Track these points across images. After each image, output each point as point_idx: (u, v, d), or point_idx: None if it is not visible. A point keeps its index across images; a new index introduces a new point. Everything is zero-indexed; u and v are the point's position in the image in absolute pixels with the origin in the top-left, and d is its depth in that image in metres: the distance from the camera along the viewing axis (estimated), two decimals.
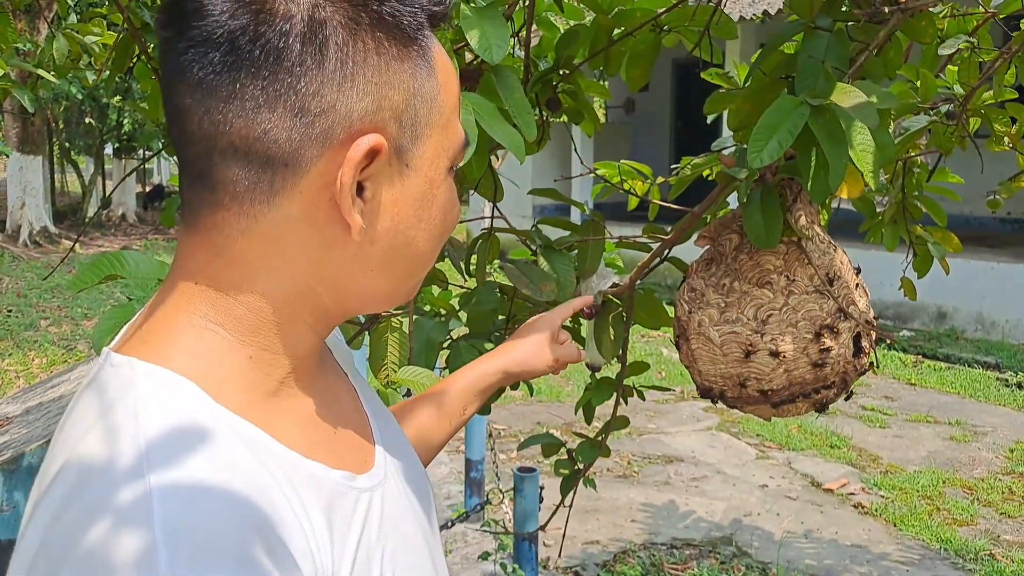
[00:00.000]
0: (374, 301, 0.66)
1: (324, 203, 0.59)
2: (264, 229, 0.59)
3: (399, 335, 1.11)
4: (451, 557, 3.75)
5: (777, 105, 1.02)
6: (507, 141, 1.01)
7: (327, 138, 0.57)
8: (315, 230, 0.59)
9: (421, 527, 0.71)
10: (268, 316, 0.61)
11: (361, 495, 0.63)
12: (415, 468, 0.77)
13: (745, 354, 1.24)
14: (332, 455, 0.63)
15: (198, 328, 0.59)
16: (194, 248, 0.61)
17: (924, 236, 2.26)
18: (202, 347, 0.59)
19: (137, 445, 0.52)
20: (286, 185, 0.58)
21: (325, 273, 0.61)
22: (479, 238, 1.62)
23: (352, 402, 0.74)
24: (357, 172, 0.58)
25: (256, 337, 0.60)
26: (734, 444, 5.26)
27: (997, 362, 6.95)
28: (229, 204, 0.58)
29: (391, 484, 0.69)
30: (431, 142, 0.62)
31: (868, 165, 1.00)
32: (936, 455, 5.07)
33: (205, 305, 0.60)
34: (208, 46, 0.55)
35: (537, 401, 6.05)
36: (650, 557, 3.78)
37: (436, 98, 0.62)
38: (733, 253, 1.31)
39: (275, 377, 0.62)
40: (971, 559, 3.77)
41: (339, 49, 0.56)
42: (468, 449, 4.18)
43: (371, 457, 0.69)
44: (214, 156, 0.57)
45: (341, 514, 0.60)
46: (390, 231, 0.62)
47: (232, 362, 0.59)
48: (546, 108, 1.65)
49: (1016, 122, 2.13)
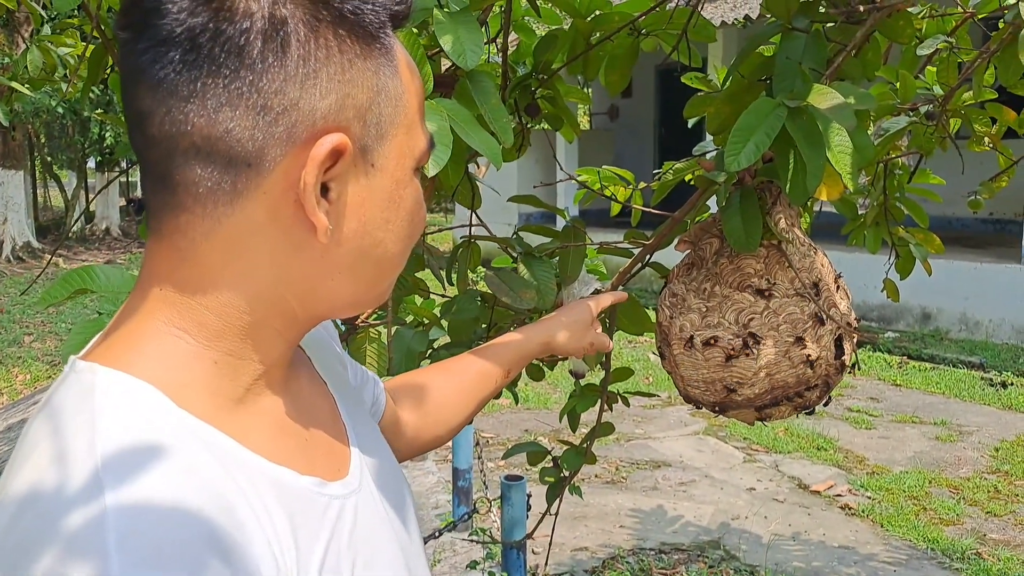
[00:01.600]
0: (343, 306, 0.65)
1: (289, 204, 0.58)
2: (228, 232, 0.58)
3: (378, 345, 1.10)
4: (439, 567, 3.73)
5: (754, 107, 1.01)
6: (483, 148, 1.00)
7: (290, 137, 0.56)
8: (280, 232, 0.58)
9: (398, 537, 0.70)
10: (234, 321, 0.60)
11: (332, 502, 0.62)
12: (394, 476, 0.75)
13: (726, 358, 1.23)
14: (302, 462, 0.62)
15: (162, 334, 0.58)
16: (158, 253, 0.60)
17: (906, 237, 2.27)
18: (166, 353, 0.58)
19: (94, 457, 0.51)
20: (249, 186, 0.57)
21: (292, 277, 0.60)
22: (460, 246, 1.61)
23: (328, 408, 0.72)
24: (321, 172, 0.57)
25: (222, 342, 0.59)
26: (721, 448, 5.26)
27: (981, 362, 6.99)
28: (191, 207, 0.57)
29: (366, 492, 0.68)
30: (396, 142, 0.62)
31: (846, 167, 1.00)
32: (922, 455, 5.08)
33: (170, 310, 0.59)
34: (168, 45, 0.54)
35: (525, 409, 6.03)
36: (639, 562, 3.77)
37: (400, 97, 0.62)
38: (714, 257, 1.31)
39: (242, 383, 0.61)
40: (958, 558, 3.77)
41: (301, 46, 0.55)
42: (455, 458, 4.16)
43: (346, 464, 0.68)
44: (175, 158, 0.56)
45: (308, 521, 0.59)
46: (357, 232, 0.61)
47: (197, 368, 0.58)
48: (525, 114, 1.64)
49: (996, 122, 2.14)
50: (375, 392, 0.90)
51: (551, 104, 1.67)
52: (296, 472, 0.60)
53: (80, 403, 0.54)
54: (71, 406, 0.55)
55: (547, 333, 1.13)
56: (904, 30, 1.28)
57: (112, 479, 0.50)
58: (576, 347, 1.15)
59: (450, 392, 1.02)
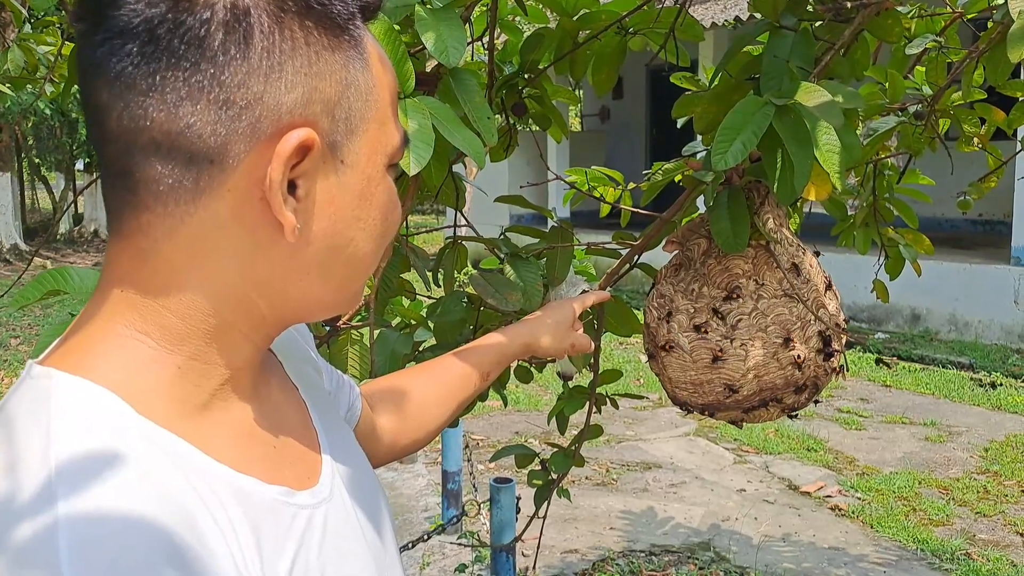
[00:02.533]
0: (314, 308, 0.63)
1: (254, 202, 0.55)
2: (191, 231, 0.56)
3: (360, 348, 1.08)
4: (429, 570, 3.71)
5: (741, 106, 1.00)
6: (466, 147, 0.98)
7: (254, 132, 0.54)
8: (246, 231, 0.56)
9: (371, 546, 0.68)
10: (198, 324, 0.57)
11: (300, 512, 0.60)
12: (368, 484, 0.73)
13: (713, 359, 1.22)
14: (269, 470, 0.60)
15: (123, 337, 0.56)
16: (119, 254, 0.58)
17: (896, 238, 2.26)
18: (126, 357, 0.56)
19: (47, 467, 0.49)
20: (212, 183, 0.55)
21: (259, 278, 0.58)
22: (446, 247, 1.60)
23: (298, 415, 0.70)
24: (287, 168, 0.55)
25: (185, 346, 0.57)
26: (712, 449, 5.26)
27: (971, 362, 7.00)
28: (152, 205, 0.55)
29: (337, 501, 0.66)
30: (367, 137, 0.60)
31: (834, 166, 0.98)
32: (912, 456, 5.08)
33: (131, 313, 0.57)
34: (125, 37, 0.52)
35: (515, 411, 6.02)
36: (629, 564, 3.75)
37: (371, 92, 0.60)
38: (701, 258, 1.29)
39: (207, 389, 0.58)
40: (947, 559, 3.77)
41: (265, 38, 0.53)
42: (445, 461, 4.14)
43: (316, 473, 0.66)
44: (135, 154, 0.54)
45: (274, 531, 0.57)
46: (327, 231, 0.59)
47: (159, 373, 0.56)
48: (512, 113, 1.62)
49: (985, 123, 2.13)
50: (351, 397, 0.88)
51: (538, 104, 1.65)
52: (262, 481, 0.58)
53: (35, 410, 0.52)
54: (26, 413, 0.53)
55: (529, 334, 1.11)
56: (892, 29, 1.27)
57: (66, 489, 0.48)
58: (558, 348, 1.14)
59: (429, 395, 1.00)
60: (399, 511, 4.37)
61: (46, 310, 8.65)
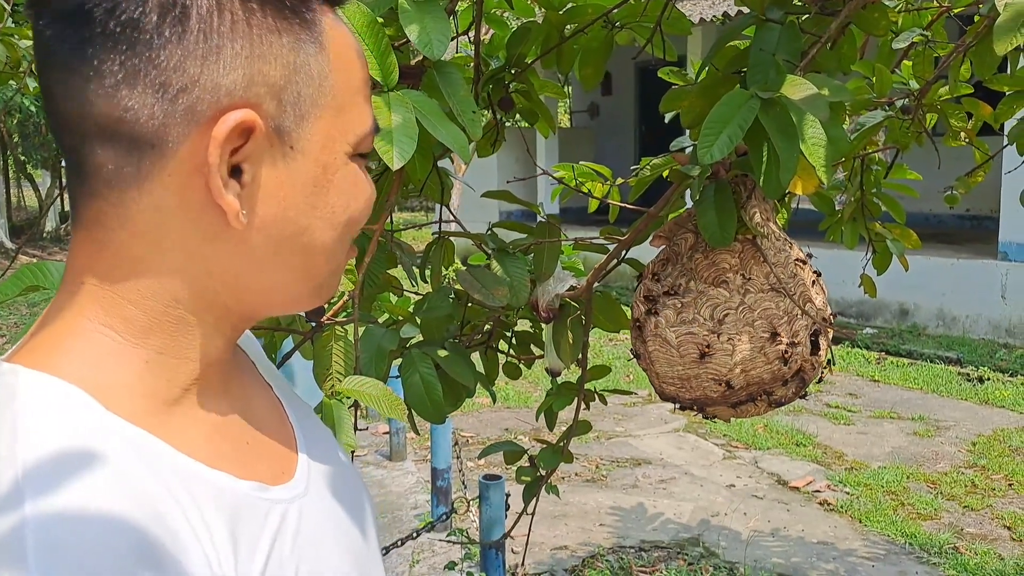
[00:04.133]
0: (281, 301, 0.62)
1: (198, 188, 0.55)
2: (140, 219, 0.55)
3: (344, 344, 1.07)
4: (418, 567, 3.71)
5: (727, 99, 0.99)
6: (450, 140, 0.97)
7: (193, 115, 0.53)
8: (192, 219, 0.55)
9: (351, 542, 0.67)
10: (160, 316, 0.57)
11: (274, 507, 0.59)
12: (350, 483, 0.72)
13: (701, 355, 1.22)
14: (242, 466, 0.59)
15: (88, 331, 0.55)
16: (80, 245, 0.57)
17: (883, 233, 2.26)
18: (92, 352, 0.55)
19: (14, 466, 0.48)
20: (154, 169, 0.54)
21: (213, 268, 0.57)
22: (433, 243, 1.59)
23: (273, 412, 0.69)
24: (226, 151, 0.54)
25: (151, 339, 0.56)
26: (701, 445, 5.26)
27: (958, 357, 7.03)
28: (102, 192, 0.55)
29: (314, 496, 0.65)
30: (321, 124, 0.58)
31: (820, 159, 0.98)
32: (900, 451, 5.10)
33: (95, 306, 0.56)
34: (67, 21, 0.52)
35: (504, 407, 6.02)
36: (619, 560, 3.75)
37: (326, 77, 0.58)
38: (689, 253, 1.29)
39: (177, 384, 0.57)
40: (936, 553, 3.79)
41: (202, 20, 0.52)
42: (434, 458, 4.13)
43: (291, 468, 0.65)
44: (84, 141, 0.54)
45: (248, 527, 0.56)
46: (277, 218, 0.57)
47: (127, 368, 0.55)
48: (499, 108, 1.61)
49: (972, 117, 2.13)
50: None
51: (525, 98, 1.64)
52: (235, 476, 0.57)
53: (1, 408, 0.51)
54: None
55: None
56: (879, 22, 1.27)
57: (33, 488, 0.47)
58: None
59: None
60: (388, 508, 4.36)
61: (32, 308, 8.60)
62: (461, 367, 1.37)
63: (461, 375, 1.37)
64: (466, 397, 1.49)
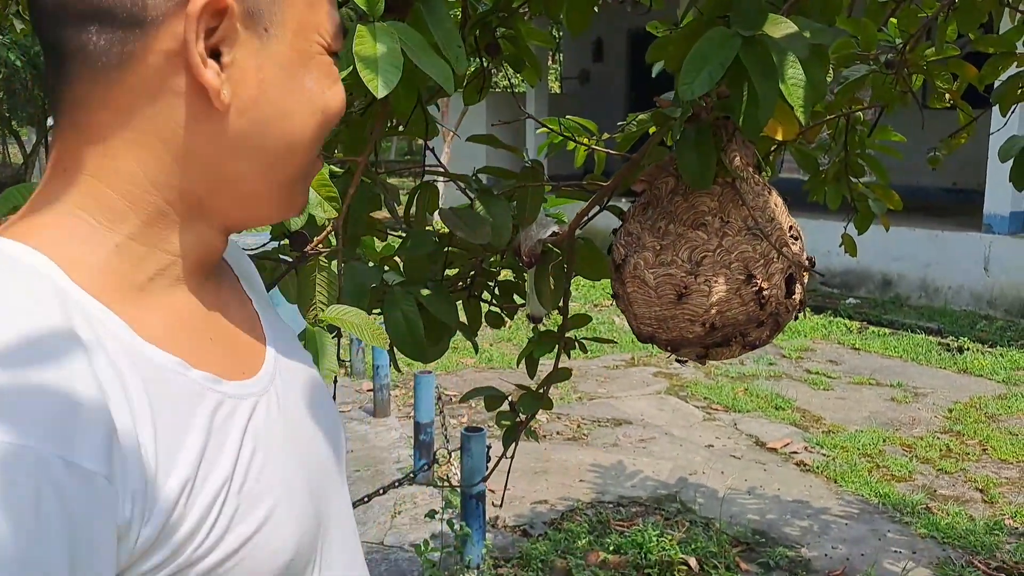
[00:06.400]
0: (252, 197, 0.63)
1: (180, 69, 0.57)
2: (122, 98, 0.57)
3: (328, 274, 1.09)
4: (400, 518, 3.75)
5: (708, 37, 1.00)
6: (435, 72, 0.98)
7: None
8: (173, 101, 0.58)
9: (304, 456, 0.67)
10: (136, 201, 0.59)
11: (225, 399, 0.60)
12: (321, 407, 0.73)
13: (678, 296, 1.24)
14: (196, 357, 0.60)
15: (62, 214, 0.58)
16: (61, 132, 0.59)
17: (865, 193, 2.28)
18: (64, 231, 0.57)
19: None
20: (136, 48, 0.56)
21: (193, 153, 0.59)
22: (418, 187, 1.60)
23: (247, 322, 0.70)
24: (201, 28, 0.56)
25: (124, 225, 0.58)
26: (682, 407, 5.32)
27: (939, 327, 7.10)
28: (83, 73, 0.57)
29: (271, 401, 0.65)
30: (294, 11, 0.61)
31: (799, 99, 0.99)
32: (877, 415, 5.17)
33: (72, 191, 0.58)
34: None
35: (488, 368, 6.06)
36: (597, 515, 3.81)
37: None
38: (669, 196, 1.31)
39: (145, 271, 0.59)
40: (908, 513, 3.86)
41: None
42: (417, 412, 4.17)
43: (253, 370, 0.66)
44: (66, 26, 0.56)
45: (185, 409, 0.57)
46: (257, 100, 0.60)
47: (97, 248, 0.58)
48: (485, 53, 1.62)
49: (957, 79, 2.15)
50: None
51: (512, 45, 1.65)
52: (186, 363, 0.58)
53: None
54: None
55: None
56: None
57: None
58: None
59: None
60: (371, 462, 4.40)
61: None
62: (443, 306, 1.39)
63: (443, 314, 1.39)
64: (448, 339, 1.50)
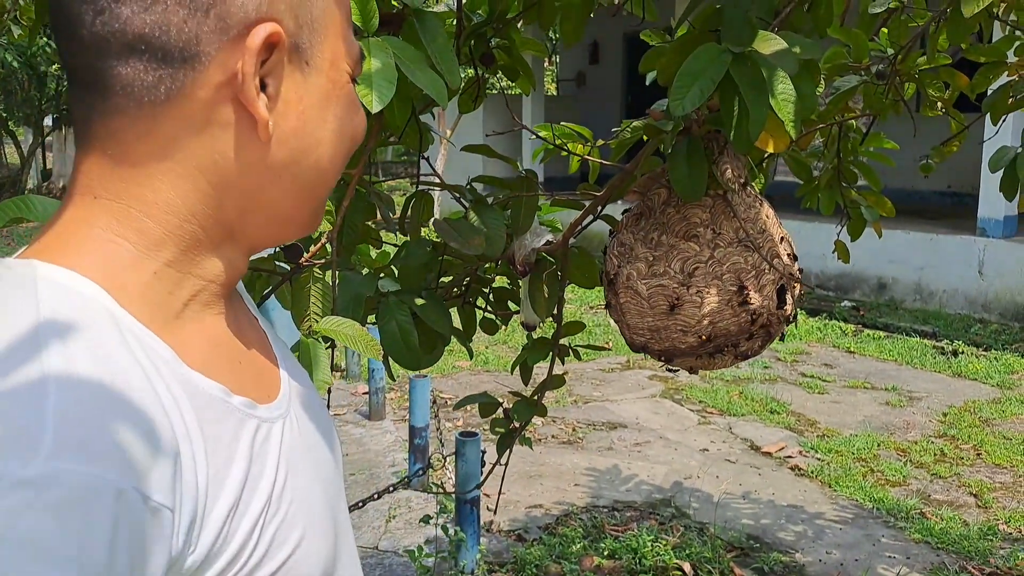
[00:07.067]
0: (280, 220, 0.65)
1: (226, 102, 0.58)
2: (164, 132, 0.58)
3: (322, 285, 1.10)
4: (395, 522, 3.76)
5: (699, 53, 1.02)
6: (429, 86, 0.99)
7: (223, 30, 0.56)
8: (219, 131, 0.59)
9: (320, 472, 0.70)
10: (174, 229, 0.59)
11: (261, 424, 0.62)
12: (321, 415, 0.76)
13: (671, 307, 1.25)
14: (235, 382, 0.62)
15: (101, 240, 0.58)
16: (89, 163, 0.59)
17: (858, 200, 2.30)
18: (106, 257, 0.57)
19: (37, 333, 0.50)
20: (185, 82, 0.57)
21: (231, 181, 0.60)
22: (412, 196, 1.61)
23: (262, 340, 0.72)
24: (258, 62, 0.57)
25: (162, 252, 0.59)
26: (677, 411, 5.33)
27: (934, 331, 7.12)
28: (126, 108, 0.57)
29: (292, 418, 0.68)
30: (329, 44, 0.63)
31: (789, 114, 1.01)
32: (872, 419, 5.18)
33: (107, 217, 0.58)
34: None
35: (484, 371, 6.06)
36: (592, 519, 3.82)
37: (329, 2, 0.63)
38: (661, 207, 1.32)
39: (180, 297, 0.60)
40: (903, 518, 3.87)
41: None
42: (412, 416, 4.17)
43: (275, 392, 0.68)
44: (109, 59, 0.56)
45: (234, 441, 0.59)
46: (296, 131, 0.61)
47: (137, 275, 0.58)
48: (480, 63, 1.63)
49: (949, 87, 2.16)
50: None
51: (507, 55, 1.66)
52: (228, 390, 0.60)
53: (20, 292, 0.53)
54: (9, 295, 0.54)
55: None
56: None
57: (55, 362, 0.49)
58: None
59: None
60: (366, 466, 4.41)
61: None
62: (437, 315, 1.40)
63: (437, 323, 1.40)
64: (442, 347, 1.51)
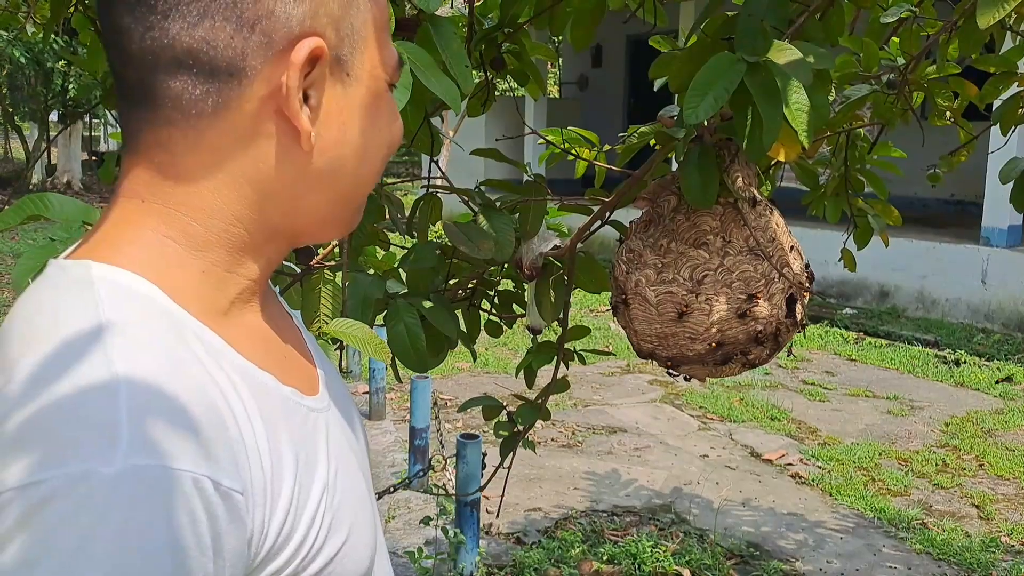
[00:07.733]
0: (321, 223, 0.67)
1: (271, 113, 0.59)
2: (211, 143, 0.59)
3: (332, 287, 1.10)
4: (394, 523, 3.76)
5: (713, 62, 1.02)
6: (443, 92, 1.00)
7: (268, 45, 0.58)
8: (264, 142, 0.60)
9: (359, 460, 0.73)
10: (220, 233, 0.61)
11: (309, 414, 0.65)
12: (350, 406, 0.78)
13: (679, 314, 1.25)
14: (283, 373, 0.64)
15: (151, 240, 0.60)
16: (137, 170, 0.61)
17: (865, 208, 2.30)
18: (157, 256, 0.59)
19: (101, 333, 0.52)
20: (232, 96, 0.58)
21: (274, 188, 0.62)
22: (420, 199, 1.61)
23: (295, 333, 0.75)
24: (302, 76, 0.59)
25: (209, 253, 0.61)
26: (677, 416, 5.33)
27: (936, 340, 7.12)
28: (175, 120, 0.59)
29: (333, 410, 0.71)
30: (369, 54, 0.64)
31: (802, 124, 1.01)
32: (873, 428, 5.18)
33: (156, 220, 0.60)
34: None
35: (484, 372, 6.06)
36: (591, 524, 3.82)
37: (368, 11, 0.64)
38: (671, 214, 1.32)
39: (227, 295, 0.62)
40: (904, 528, 3.87)
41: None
42: (413, 417, 4.17)
43: (316, 383, 0.71)
44: (157, 73, 0.58)
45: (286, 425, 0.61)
46: (338, 141, 0.63)
47: (186, 274, 0.60)
48: (490, 67, 1.63)
49: (958, 97, 2.16)
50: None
51: (517, 59, 1.66)
52: (279, 381, 0.62)
53: (79, 293, 0.55)
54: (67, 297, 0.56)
55: None
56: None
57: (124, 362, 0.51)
58: None
59: None
60: None
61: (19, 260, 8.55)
62: (445, 318, 1.40)
63: (445, 326, 1.40)
64: (449, 349, 1.52)
